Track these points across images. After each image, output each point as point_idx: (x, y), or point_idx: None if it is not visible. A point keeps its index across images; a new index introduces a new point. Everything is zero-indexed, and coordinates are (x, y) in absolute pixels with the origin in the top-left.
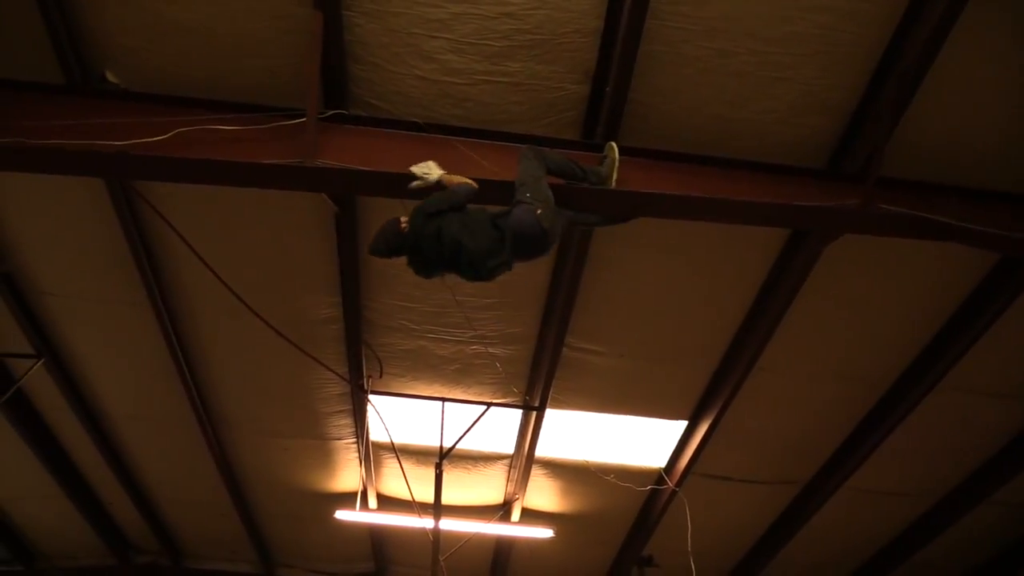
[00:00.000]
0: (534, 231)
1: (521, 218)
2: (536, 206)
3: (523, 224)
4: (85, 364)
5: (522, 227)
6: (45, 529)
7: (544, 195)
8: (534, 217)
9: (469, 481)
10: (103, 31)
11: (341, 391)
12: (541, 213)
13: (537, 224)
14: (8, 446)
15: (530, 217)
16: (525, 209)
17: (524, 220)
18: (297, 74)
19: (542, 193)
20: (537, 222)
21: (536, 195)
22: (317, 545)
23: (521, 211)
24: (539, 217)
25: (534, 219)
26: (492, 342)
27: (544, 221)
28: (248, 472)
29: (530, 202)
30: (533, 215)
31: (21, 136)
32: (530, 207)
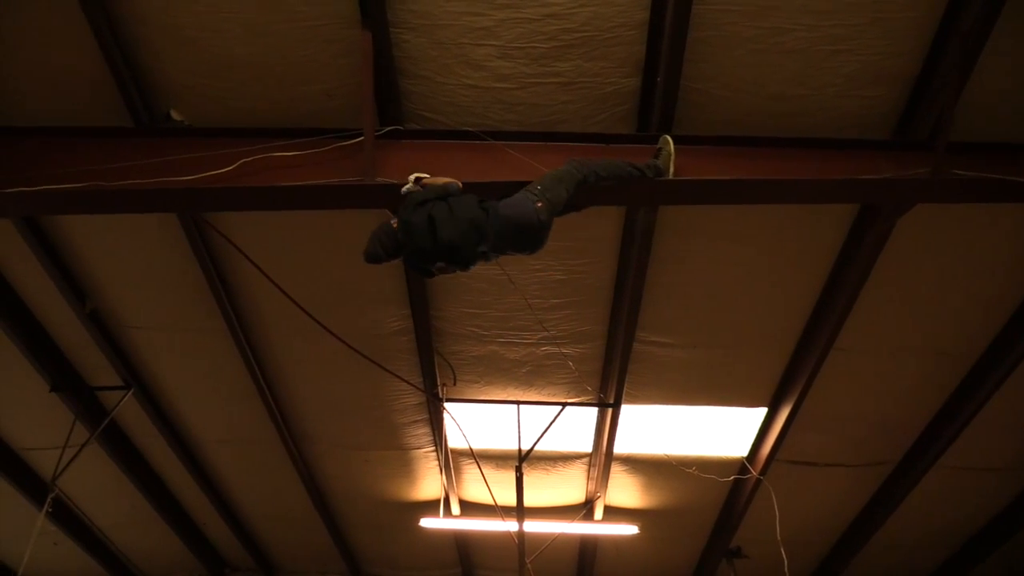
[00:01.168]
0: (529, 219)
1: (517, 201)
2: (539, 198)
3: (516, 211)
4: (172, 392)
5: (515, 214)
6: (145, 552)
7: (553, 194)
8: (531, 206)
9: (549, 482)
10: (164, 73)
11: (417, 401)
12: (541, 206)
13: (534, 214)
14: (106, 475)
15: (526, 205)
16: (523, 197)
17: (518, 207)
18: (352, 95)
19: (552, 192)
20: (534, 212)
21: (545, 190)
22: (404, 553)
23: (519, 198)
24: (537, 208)
25: (531, 208)
26: (563, 342)
27: (542, 214)
28: (333, 485)
29: (536, 193)
30: (531, 205)
31: (97, 180)
32: (531, 197)
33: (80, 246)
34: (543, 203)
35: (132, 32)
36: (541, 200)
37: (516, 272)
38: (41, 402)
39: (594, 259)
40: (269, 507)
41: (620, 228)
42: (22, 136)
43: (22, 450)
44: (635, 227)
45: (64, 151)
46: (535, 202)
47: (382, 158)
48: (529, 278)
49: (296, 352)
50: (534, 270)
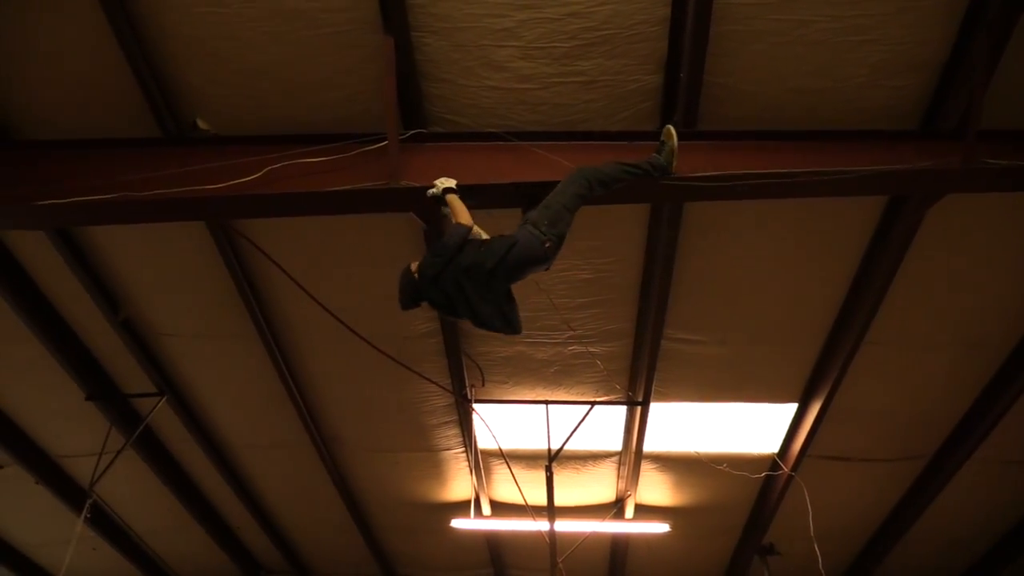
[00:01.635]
0: (538, 258)
1: (524, 250)
2: (547, 239)
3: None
4: (204, 398)
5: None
6: (182, 557)
7: (560, 230)
8: (541, 248)
9: (580, 481)
10: (190, 83)
11: (446, 402)
12: (550, 247)
13: (543, 254)
14: (142, 480)
15: (536, 248)
16: (530, 240)
17: (528, 251)
18: (375, 100)
19: (560, 227)
20: (544, 253)
21: (552, 227)
22: (436, 554)
23: (526, 242)
24: (547, 250)
25: (541, 250)
26: (590, 341)
27: (551, 253)
28: (364, 488)
29: (544, 233)
30: (540, 247)
31: (126, 190)
32: (540, 238)
33: (112, 256)
34: (550, 243)
35: (158, 45)
36: (549, 240)
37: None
38: (77, 410)
39: (620, 257)
40: (302, 510)
41: (645, 226)
42: (53, 149)
43: (60, 457)
44: (660, 224)
45: (94, 163)
46: (543, 243)
47: (406, 161)
48: (555, 278)
49: (325, 356)
50: (560, 270)
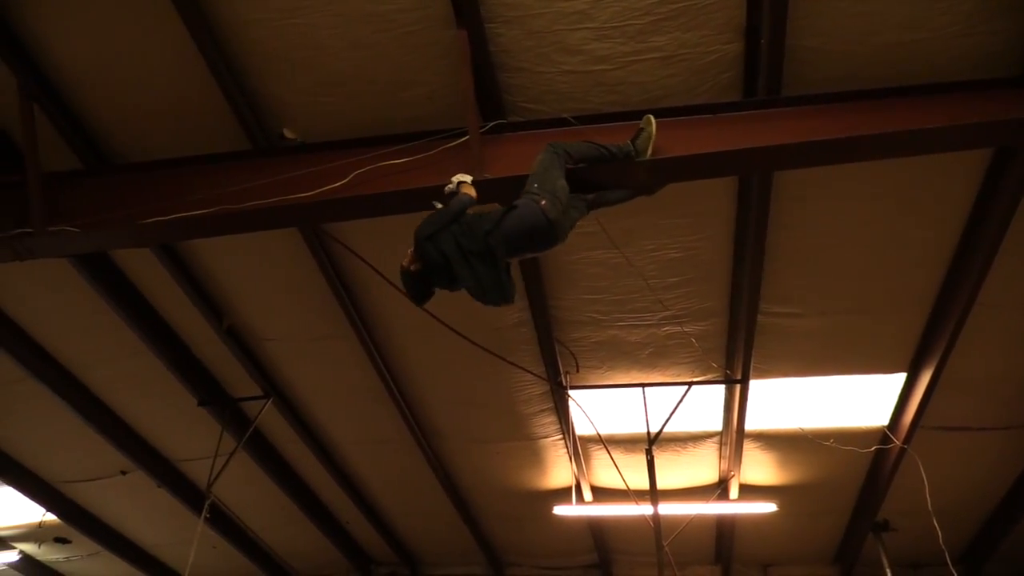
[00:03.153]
0: (537, 222)
1: (522, 214)
2: (541, 196)
3: (524, 220)
4: (308, 398)
5: (522, 223)
6: (296, 552)
7: (552, 185)
8: (537, 208)
9: (681, 463)
10: (275, 95)
11: (541, 391)
12: (546, 204)
13: (541, 215)
14: (254, 480)
15: (532, 209)
16: (527, 203)
17: (525, 216)
18: (453, 94)
19: (550, 183)
20: (541, 212)
21: (543, 185)
22: (540, 542)
23: (523, 206)
24: (543, 208)
25: (537, 210)
26: (684, 320)
27: (550, 212)
28: (466, 479)
29: (536, 192)
30: (536, 207)
31: (222, 204)
32: (534, 198)
33: (213, 267)
34: (547, 200)
35: (241, 61)
36: (544, 198)
37: (631, 253)
38: (190, 416)
39: (709, 233)
40: (408, 503)
41: (734, 199)
42: (151, 170)
43: (178, 461)
44: (750, 196)
45: (191, 179)
46: (539, 202)
47: (489, 154)
48: (644, 258)
49: (420, 351)
50: (649, 250)
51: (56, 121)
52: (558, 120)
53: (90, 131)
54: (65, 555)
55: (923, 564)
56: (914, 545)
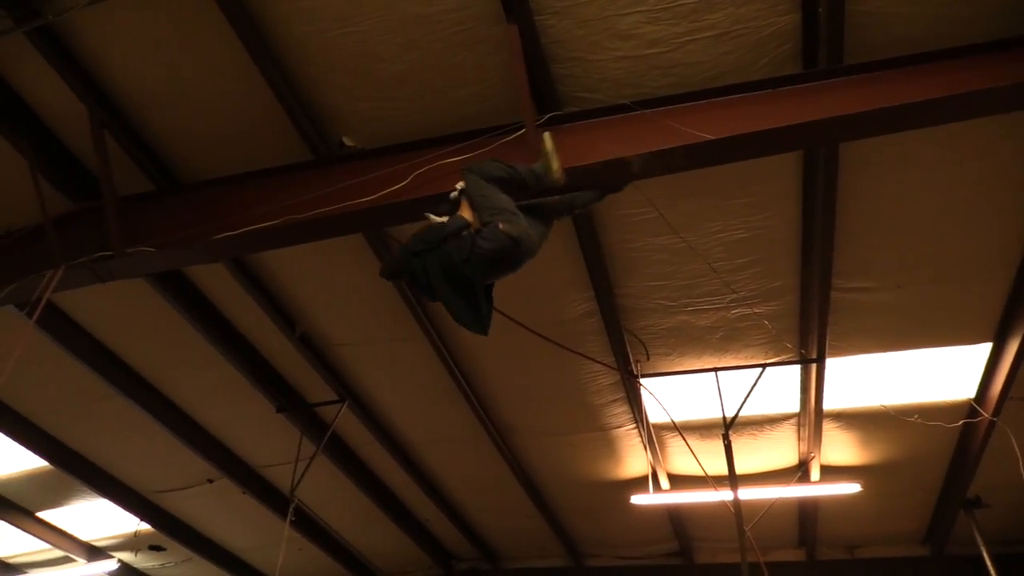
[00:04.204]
0: (502, 244)
1: (487, 242)
2: (497, 220)
3: (491, 245)
4: (381, 400)
5: (491, 249)
6: (379, 551)
7: (499, 205)
8: (499, 232)
9: (758, 447)
10: (332, 104)
11: (612, 381)
12: (504, 225)
13: (505, 237)
14: (335, 482)
15: (495, 235)
16: (488, 231)
17: (490, 241)
18: (507, 90)
19: (496, 204)
20: (504, 235)
21: (492, 209)
22: (618, 532)
23: (486, 235)
24: (504, 230)
25: (500, 234)
26: (754, 301)
27: (512, 231)
28: (541, 472)
29: (489, 220)
30: (497, 231)
31: (289, 214)
32: (493, 225)
33: (282, 276)
34: (503, 222)
35: (299, 75)
36: (500, 220)
37: (695, 238)
38: (270, 423)
39: (775, 211)
40: (485, 499)
41: (799, 174)
42: (219, 186)
43: (261, 468)
44: (816, 169)
45: (257, 192)
46: (496, 224)
47: None
48: (709, 241)
49: (489, 348)
50: (713, 232)
51: (126, 146)
52: (615, 107)
53: (159, 153)
54: (160, 562)
55: (1018, 540)
56: (1008, 521)
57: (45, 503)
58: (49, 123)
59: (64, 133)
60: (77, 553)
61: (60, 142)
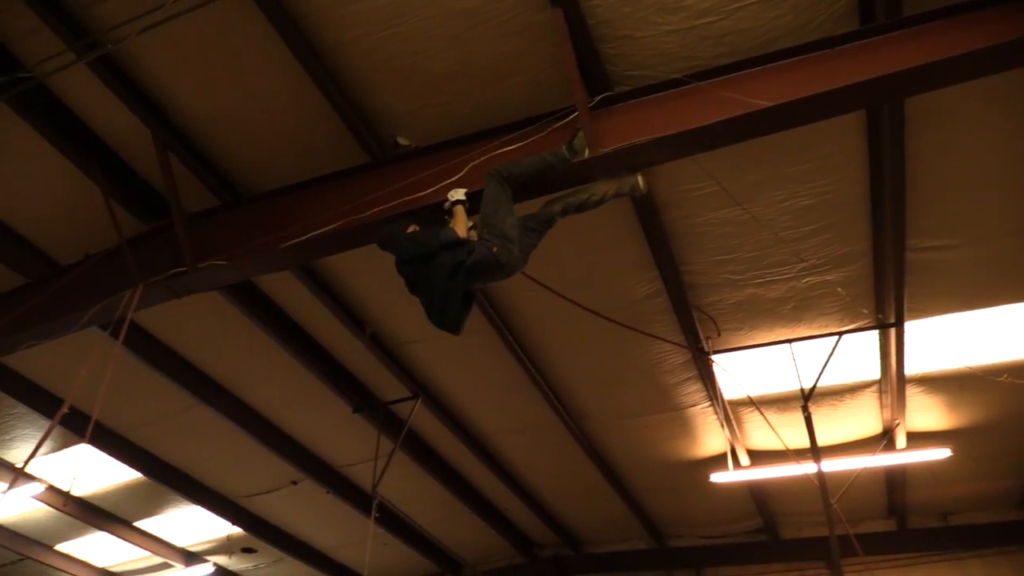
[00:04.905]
0: (490, 266)
1: (477, 261)
2: (492, 243)
3: (479, 265)
4: (454, 393)
5: (478, 268)
6: (461, 541)
7: (501, 228)
8: (490, 255)
9: (839, 416)
10: (385, 105)
11: (683, 359)
12: (498, 250)
13: (494, 260)
14: (414, 477)
15: (486, 256)
16: (481, 249)
17: (480, 262)
18: (557, 75)
19: (499, 225)
20: (494, 258)
21: (492, 230)
22: (700, 511)
23: (478, 252)
24: (496, 254)
25: (491, 256)
26: (825, 269)
27: (501, 256)
28: (618, 456)
29: (487, 239)
30: (489, 253)
31: (351, 216)
32: (487, 244)
33: (349, 279)
34: (498, 247)
35: (349, 80)
36: (495, 244)
37: (759, 208)
38: (348, 423)
39: (841, 174)
40: (563, 485)
41: (863, 134)
42: (281, 196)
43: (342, 467)
44: (881, 128)
45: (319, 199)
46: (491, 247)
47: (600, 128)
48: (774, 210)
49: (557, 335)
50: (778, 201)
51: (190, 164)
52: (669, 82)
53: (222, 169)
54: (253, 563)
55: None
56: None
57: (141, 513)
58: (116, 148)
59: (130, 156)
60: (175, 559)
61: (127, 165)
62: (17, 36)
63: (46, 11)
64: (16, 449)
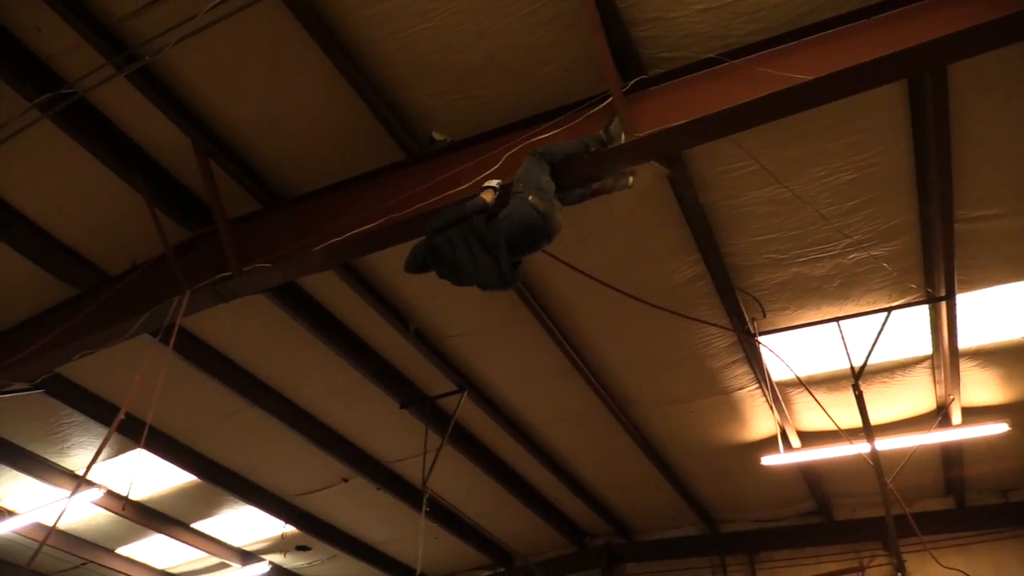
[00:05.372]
0: (529, 216)
1: (513, 212)
2: (527, 192)
3: (517, 216)
4: (498, 385)
5: (515, 219)
6: (512, 533)
7: (535, 183)
8: (526, 204)
9: (891, 394)
10: (418, 101)
11: (728, 342)
12: (533, 198)
13: (531, 209)
14: (463, 471)
15: (523, 206)
16: (516, 202)
17: (517, 212)
18: (589, 62)
19: (534, 181)
20: (531, 207)
21: (528, 184)
22: (752, 495)
23: (513, 205)
24: (531, 203)
25: (527, 205)
26: (870, 244)
27: (538, 205)
28: (667, 443)
29: (521, 192)
30: (525, 203)
31: (390, 214)
32: (521, 196)
33: (390, 276)
34: (533, 195)
35: (383, 78)
36: (530, 194)
37: (800, 185)
38: (395, 419)
39: (883, 147)
40: (611, 473)
41: (905, 104)
42: (321, 196)
43: (391, 463)
44: (923, 97)
45: (357, 197)
46: (526, 197)
47: (635, 112)
48: (815, 187)
49: (600, 323)
50: (819, 177)
51: (230, 170)
52: (704, 62)
53: (262, 173)
54: (307, 561)
55: None
56: None
57: (197, 514)
58: (157, 157)
59: (172, 165)
60: (231, 559)
61: (169, 174)
62: (58, 54)
63: (85, 27)
64: (74, 456)
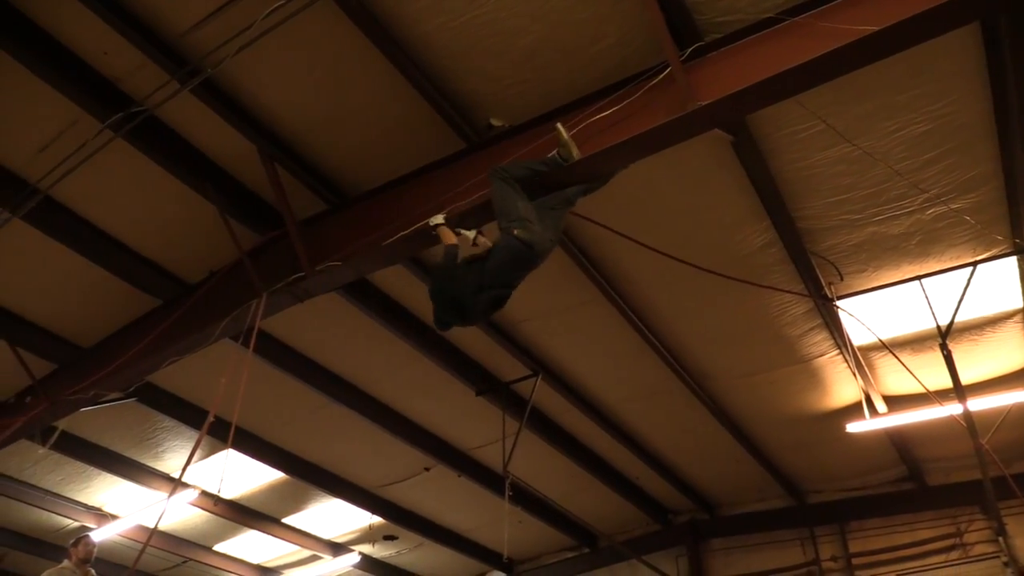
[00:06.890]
0: (518, 252)
1: (502, 251)
2: (512, 227)
3: (506, 255)
4: (572, 367)
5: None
6: (595, 513)
7: (516, 214)
8: (514, 240)
9: (982, 352)
10: (474, 90)
11: (805, 309)
12: (519, 232)
13: (519, 244)
14: (542, 454)
15: (510, 243)
16: (503, 240)
17: (505, 251)
18: (644, 33)
19: (514, 211)
20: (519, 242)
21: (509, 216)
22: (839, 463)
23: (501, 244)
24: (518, 237)
25: (515, 242)
26: (950, 197)
27: (525, 237)
28: (746, 415)
29: (506, 227)
30: (512, 239)
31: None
32: (508, 231)
33: None
34: (518, 229)
35: (437, 69)
36: (515, 227)
37: (871, 142)
38: (472, 407)
39: (958, 94)
40: (692, 450)
41: (979, 48)
42: (386, 191)
43: (471, 450)
44: (999, 38)
45: (421, 190)
46: (511, 231)
47: (695, 81)
48: (887, 142)
49: (670, 298)
50: (891, 132)
51: (296, 173)
52: (763, 22)
53: (326, 173)
54: (395, 550)
55: None
56: None
57: (288, 510)
58: (224, 166)
59: (239, 172)
60: (322, 551)
61: (237, 181)
62: (125, 75)
63: (148, 45)
64: (168, 460)
